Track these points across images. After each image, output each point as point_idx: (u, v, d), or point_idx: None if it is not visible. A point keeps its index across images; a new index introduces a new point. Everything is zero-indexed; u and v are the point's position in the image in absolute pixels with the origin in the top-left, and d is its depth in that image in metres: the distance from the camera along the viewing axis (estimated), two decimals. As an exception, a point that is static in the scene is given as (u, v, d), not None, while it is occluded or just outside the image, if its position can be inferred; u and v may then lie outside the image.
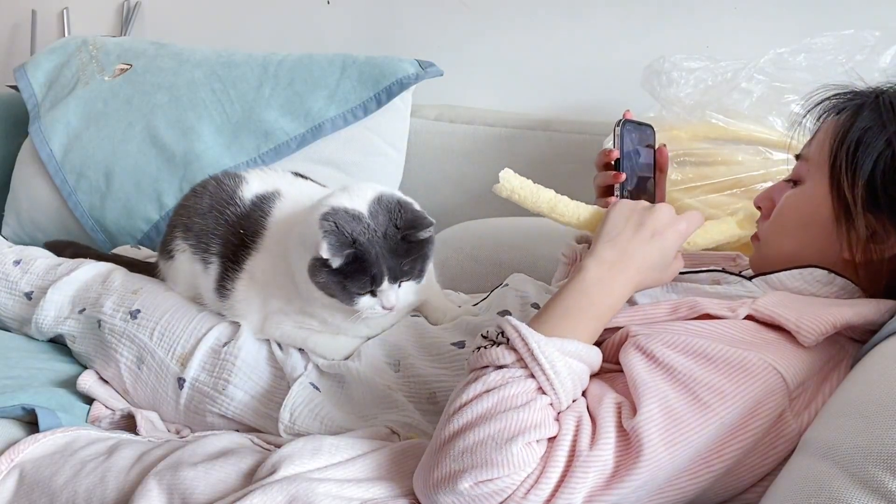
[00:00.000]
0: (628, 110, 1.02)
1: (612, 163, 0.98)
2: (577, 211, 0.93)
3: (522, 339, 0.73)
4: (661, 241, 0.83)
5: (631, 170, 0.99)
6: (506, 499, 0.68)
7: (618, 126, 0.98)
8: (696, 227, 0.88)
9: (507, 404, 0.71)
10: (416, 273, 0.96)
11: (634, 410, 0.71)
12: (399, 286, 0.94)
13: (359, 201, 0.94)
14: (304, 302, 0.98)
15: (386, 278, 0.92)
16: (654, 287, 0.88)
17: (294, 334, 1.01)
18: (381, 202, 0.94)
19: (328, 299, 0.94)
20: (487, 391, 0.72)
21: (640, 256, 0.82)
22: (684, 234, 0.86)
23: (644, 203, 0.88)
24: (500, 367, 0.74)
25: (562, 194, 0.95)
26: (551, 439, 0.71)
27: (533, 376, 0.72)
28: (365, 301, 0.93)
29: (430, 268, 1.03)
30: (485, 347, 0.76)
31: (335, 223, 0.90)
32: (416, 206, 0.97)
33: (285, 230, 1.01)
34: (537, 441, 0.70)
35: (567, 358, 0.73)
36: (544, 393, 0.72)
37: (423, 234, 0.94)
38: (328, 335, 1.01)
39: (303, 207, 1.01)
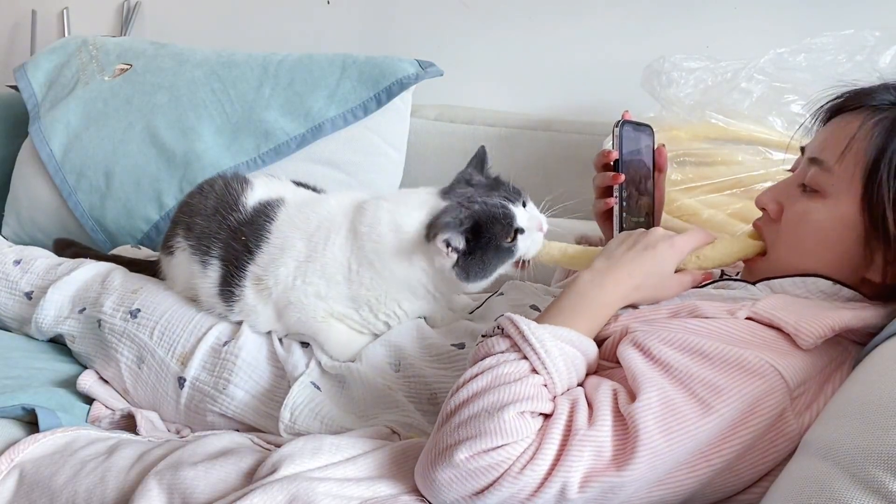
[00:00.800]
0: (627, 111, 1.02)
1: (611, 163, 0.98)
2: (584, 252, 0.99)
3: (515, 325, 0.77)
4: (652, 251, 0.87)
5: (630, 170, 0.99)
6: (502, 473, 0.69)
7: (616, 127, 0.98)
8: (696, 242, 0.90)
9: (500, 380, 0.73)
10: (519, 193, 0.98)
11: (631, 397, 0.72)
12: (525, 207, 0.96)
13: (429, 198, 0.98)
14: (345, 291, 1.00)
15: (511, 204, 0.94)
16: (657, 298, 0.88)
17: (310, 323, 1.01)
18: (441, 190, 0.99)
19: (489, 278, 0.95)
20: (482, 372, 0.75)
21: (631, 263, 0.86)
22: (679, 247, 0.89)
23: (640, 230, 0.92)
24: (496, 353, 0.77)
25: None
26: (547, 417, 0.72)
27: (526, 358, 0.75)
28: (521, 242, 0.94)
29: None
30: (482, 342, 0.79)
31: (441, 215, 0.93)
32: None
33: (312, 228, 1.02)
34: (531, 413, 0.71)
35: (559, 342, 0.76)
36: (537, 373, 0.74)
37: (489, 160, 1.02)
38: (344, 330, 1.01)
39: (332, 208, 1.04)
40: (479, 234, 0.93)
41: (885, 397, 0.63)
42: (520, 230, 0.94)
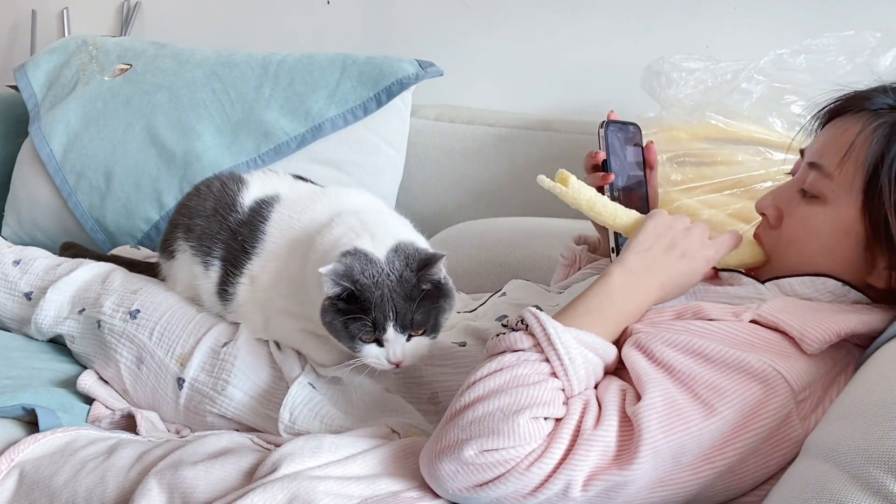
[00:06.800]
0: (612, 111, 1.03)
1: (600, 164, 0.98)
2: (615, 212, 0.92)
3: (541, 325, 0.75)
4: (689, 263, 0.85)
5: (619, 170, 0.99)
6: (508, 470, 0.70)
7: (601, 128, 0.99)
8: (726, 251, 0.88)
9: (519, 381, 0.73)
10: (430, 324, 0.90)
11: (638, 398, 0.73)
12: (408, 339, 0.89)
13: (380, 248, 0.90)
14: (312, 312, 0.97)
15: (391, 325, 0.87)
16: (672, 299, 0.87)
17: (294, 336, 1.01)
18: (398, 249, 0.90)
19: (331, 336, 0.92)
20: (501, 369, 0.74)
21: (665, 273, 0.84)
22: (712, 260, 0.87)
23: (685, 220, 0.88)
24: (517, 350, 0.76)
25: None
26: (558, 420, 0.72)
27: (548, 360, 0.74)
28: (370, 349, 0.89)
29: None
30: (503, 334, 0.78)
31: (348, 261, 0.88)
32: (431, 250, 0.93)
33: (294, 237, 1.01)
34: (545, 418, 0.71)
35: (583, 348, 0.75)
36: (556, 377, 0.74)
37: (437, 271, 0.90)
38: (326, 341, 1.01)
39: (316, 217, 1.00)
40: (352, 306, 0.87)
41: (886, 399, 0.63)
42: (379, 342, 0.88)
